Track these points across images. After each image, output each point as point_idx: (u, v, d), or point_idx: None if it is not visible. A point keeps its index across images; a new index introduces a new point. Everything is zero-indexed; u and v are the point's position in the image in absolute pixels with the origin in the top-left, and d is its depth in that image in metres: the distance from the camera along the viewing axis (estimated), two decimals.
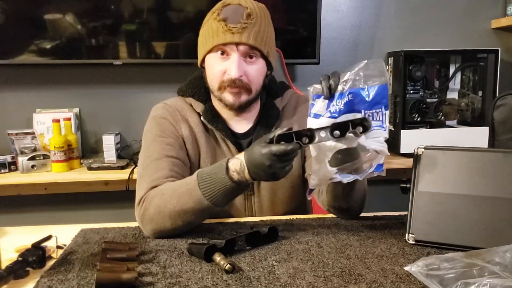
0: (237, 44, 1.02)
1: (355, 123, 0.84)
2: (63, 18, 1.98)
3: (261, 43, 1.04)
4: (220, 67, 1.04)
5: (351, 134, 0.83)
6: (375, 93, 0.86)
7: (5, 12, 1.95)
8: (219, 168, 0.92)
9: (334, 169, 0.89)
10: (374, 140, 0.87)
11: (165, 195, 0.97)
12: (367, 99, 0.86)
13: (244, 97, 1.06)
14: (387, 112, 0.87)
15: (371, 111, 0.86)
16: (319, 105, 0.89)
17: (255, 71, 1.06)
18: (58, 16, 1.98)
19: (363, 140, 0.86)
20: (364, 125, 0.84)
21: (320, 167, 0.90)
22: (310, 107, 0.90)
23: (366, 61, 0.86)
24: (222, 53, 1.04)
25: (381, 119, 0.87)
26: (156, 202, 0.97)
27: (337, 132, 0.84)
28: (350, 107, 0.86)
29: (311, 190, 0.96)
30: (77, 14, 1.98)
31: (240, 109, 1.09)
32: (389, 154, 0.90)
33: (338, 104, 0.87)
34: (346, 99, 0.86)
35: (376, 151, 0.87)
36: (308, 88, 0.90)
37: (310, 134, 0.85)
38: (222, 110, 1.13)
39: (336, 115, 0.86)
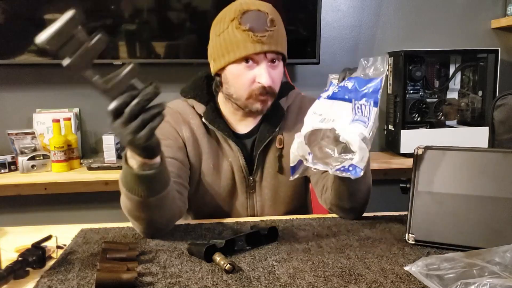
0: (266, 53, 1.02)
1: None
2: None
3: (284, 47, 1.06)
4: (249, 76, 1.03)
5: None
6: (367, 84, 0.85)
7: (5, 12, 1.95)
8: (123, 159, 0.85)
9: (308, 150, 0.89)
10: (350, 132, 0.84)
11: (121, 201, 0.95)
12: (358, 88, 0.86)
13: (270, 102, 1.08)
14: (375, 110, 0.84)
15: (360, 103, 0.85)
16: (331, 91, 0.92)
17: (278, 75, 1.07)
18: (58, 16, 1.97)
19: (339, 128, 0.85)
20: None
21: (300, 142, 0.89)
22: (323, 91, 0.93)
23: (379, 56, 0.87)
24: (247, 61, 1.03)
25: (367, 115, 0.84)
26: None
27: None
28: (344, 94, 0.88)
29: (294, 169, 0.91)
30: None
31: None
32: (355, 150, 0.82)
33: (335, 87, 0.90)
34: (343, 83, 0.88)
35: (346, 142, 0.83)
36: (329, 74, 0.94)
37: None
38: (231, 112, 1.13)
39: (328, 98, 0.90)
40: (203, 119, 1.12)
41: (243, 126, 1.14)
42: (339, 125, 0.85)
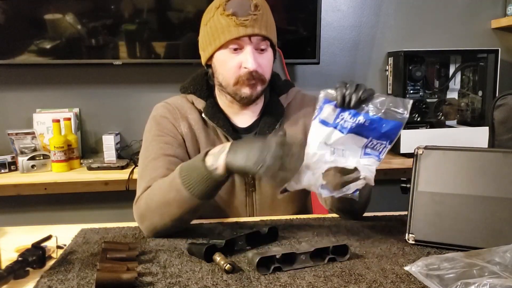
0: (250, 36, 1.02)
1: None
2: (63, 18, 1.98)
3: (271, 32, 1.06)
4: (234, 62, 1.04)
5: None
6: (391, 128, 0.86)
7: (5, 12, 1.95)
8: (200, 154, 0.92)
9: (323, 182, 0.88)
10: (366, 167, 0.88)
11: (152, 189, 0.99)
12: (381, 130, 0.86)
13: (259, 88, 1.07)
14: (389, 147, 0.88)
15: (377, 141, 0.87)
16: (328, 111, 0.87)
17: (267, 61, 1.07)
18: (58, 16, 1.98)
19: (356, 165, 0.88)
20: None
21: (311, 174, 0.88)
22: (317, 111, 0.89)
23: (397, 98, 0.87)
24: (235, 49, 1.03)
25: (381, 151, 0.88)
26: (145, 197, 0.99)
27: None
28: (360, 130, 0.87)
29: (286, 191, 0.91)
30: (77, 14, 1.99)
31: (253, 101, 1.10)
32: (373, 184, 0.90)
33: (350, 120, 0.86)
34: (362, 120, 0.86)
35: (364, 179, 0.88)
36: (321, 91, 0.89)
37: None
38: (228, 105, 1.13)
39: (344, 132, 0.86)
40: (203, 115, 1.12)
41: (242, 119, 1.14)
42: (353, 160, 0.88)
